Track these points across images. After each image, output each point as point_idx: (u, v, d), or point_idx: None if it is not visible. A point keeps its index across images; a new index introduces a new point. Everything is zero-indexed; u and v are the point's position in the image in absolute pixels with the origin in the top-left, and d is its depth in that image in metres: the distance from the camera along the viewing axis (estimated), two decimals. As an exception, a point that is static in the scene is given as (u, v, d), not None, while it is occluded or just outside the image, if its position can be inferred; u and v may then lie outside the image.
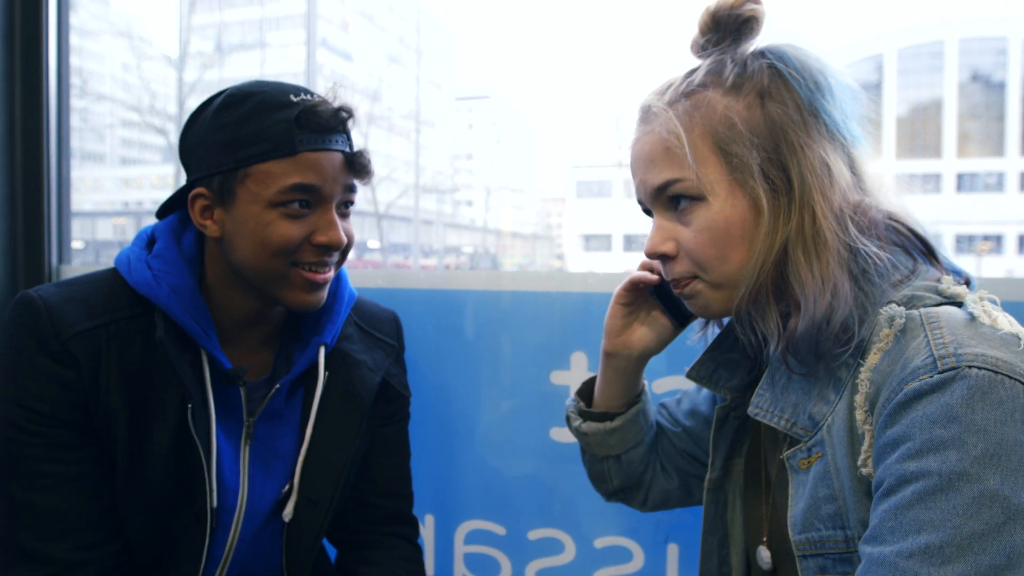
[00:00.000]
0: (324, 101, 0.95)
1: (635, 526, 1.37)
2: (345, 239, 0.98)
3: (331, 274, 1.01)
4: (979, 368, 0.62)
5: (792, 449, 0.80)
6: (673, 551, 1.35)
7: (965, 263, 0.83)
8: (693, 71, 0.83)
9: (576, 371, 1.37)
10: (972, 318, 0.68)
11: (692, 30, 0.85)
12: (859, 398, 0.71)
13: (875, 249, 0.75)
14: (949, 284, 0.75)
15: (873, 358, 0.71)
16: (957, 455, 0.60)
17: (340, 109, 0.96)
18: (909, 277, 0.77)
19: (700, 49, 0.84)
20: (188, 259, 1.01)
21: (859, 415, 0.71)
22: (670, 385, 1.33)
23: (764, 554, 0.88)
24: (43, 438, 0.92)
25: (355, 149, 0.99)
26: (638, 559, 1.37)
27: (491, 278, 1.43)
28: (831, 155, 0.77)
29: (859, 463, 0.70)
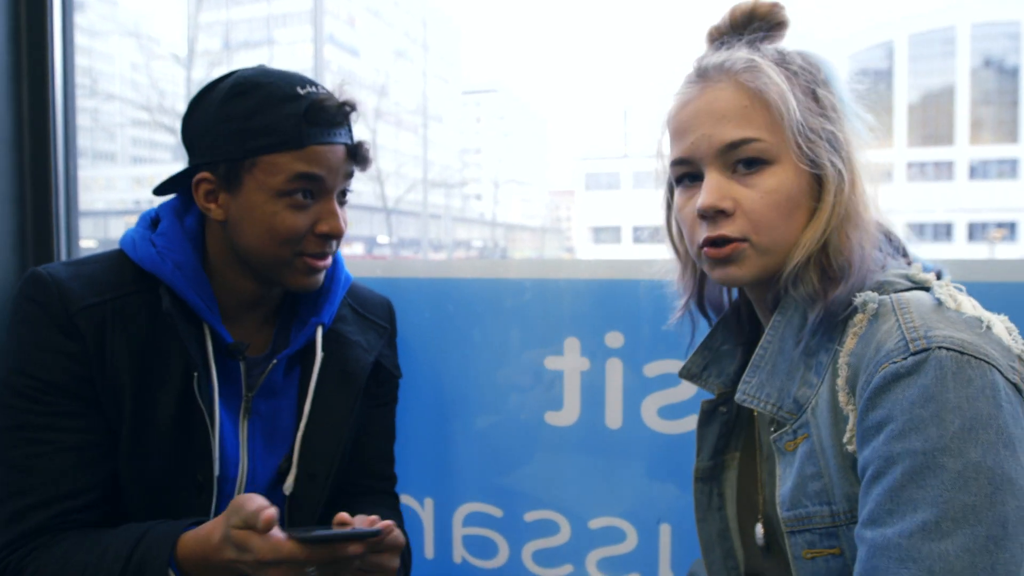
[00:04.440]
0: (330, 96, 1.00)
1: (628, 507, 1.40)
2: (344, 227, 1.05)
3: (329, 261, 1.09)
4: (947, 349, 0.66)
5: (779, 432, 0.83)
6: (666, 531, 1.38)
7: (978, 250, 0.89)
8: (736, 51, 0.85)
9: (569, 356, 1.40)
10: (939, 303, 0.73)
11: (718, 19, 0.88)
12: (840, 381, 0.75)
13: (880, 232, 0.83)
14: (918, 271, 0.80)
15: (850, 343, 0.75)
16: (937, 432, 0.63)
17: (345, 104, 1.01)
18: (885, 266, 0.83)
19: (717, 40, 0.88)
20: (191, 238, 1.06)
21: (842, 397, 0.75)
22: (661, 369, 1.35)
23: (760, 531, 0.92)
24: (47, 406, 0.95)
25: (356, 141, 1.05)
26: (631, 539, 1.40)
27: (485, 266, 1.46)
28: (859, 145, 0.83)
29: (844, 441, 0.74)
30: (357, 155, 1.04)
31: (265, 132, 0.97)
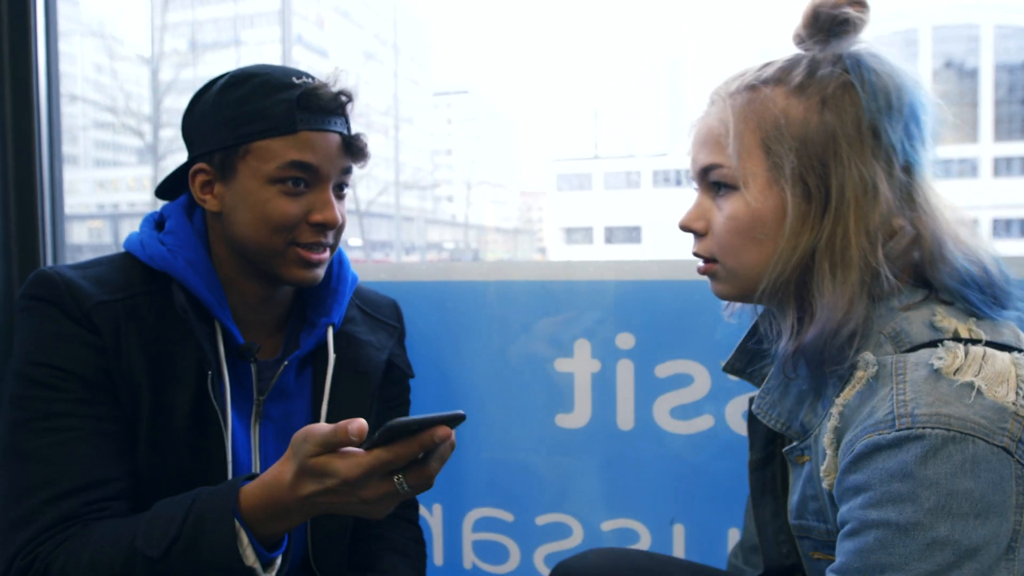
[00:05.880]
0: (325, 84, 0.99)
1: (641, 508, 1.40)
2: (340, 218, 1.02)
3: (327, 255, 1.04)
4: (932, 428, 0.68)
5: (789, 446, 0.88)
6: (679, 531, 1.38)
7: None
8: (768, 64, 0.84)
9: (579, 359, 1.40)
10: (935, 372, 0.71)
11: (796, 21, 0.85)
12: (829, 424, 0.78)
13: (893, 278, 0.77)
14: (942, 318, 0.77)
15: (848, 393, 0.76)
16: (911, 508, 0.67)
17: (340, 93, 1.00)
18: (913, 306, 0.79)
19: (800, 41, 0.84)
20: (200, 236, 1.04)
21: (826, 438, 0.78)
22: (672, 370, 1.35)
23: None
24: (68, 393, 0.92)
25: (353, 132, 1.03)
26: (645, 540, 1.40)
27: (492, 269, 1.45)
28: (879, 176, 0.77)
29: (822, 474, 0.77)
30: (352, 147, 1.02)
31: (258, 118, 0.96)
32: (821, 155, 0.78)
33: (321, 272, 1.04)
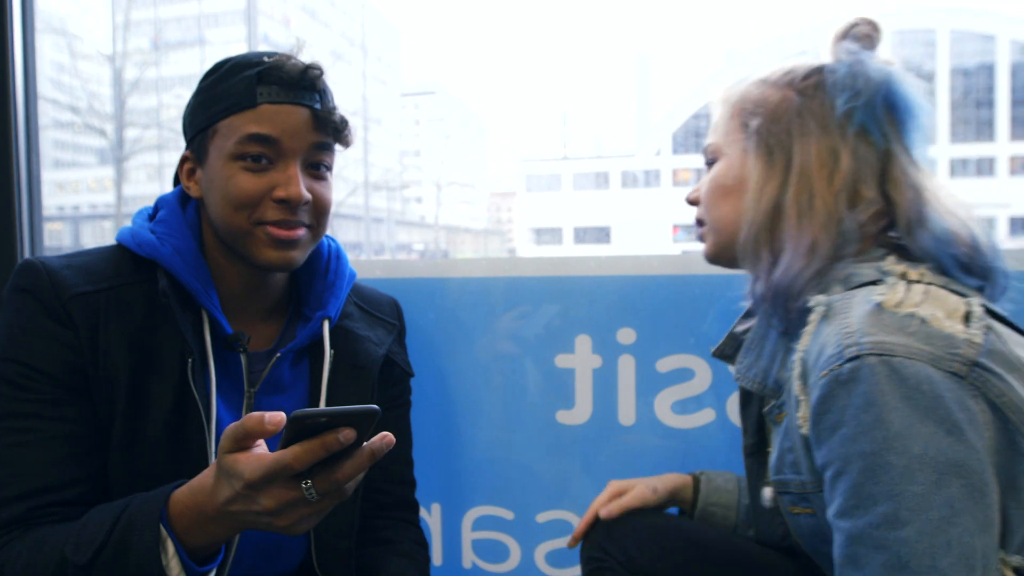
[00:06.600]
0: (290, 58, 0.97)
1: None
2: (306, 195, 0.96)
3: (302, 233, 0.99)
4: (878, 355, 0.71)
5: (769, 406, 0.93)
6: (680, 526, 1.39)
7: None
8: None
9: (580, 354, 1.39)
10: (877, 306, 0.76)
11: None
12: (795, 373, 0.81)
13: (856, 232, 0.85)
14: (891, 263, 0.83)
15: (804, 340, 0.81)
16: (882, 433, 0.70)
17: (308, 67, 0.97)
18: (869, 258, 0.85)
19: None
20: (191, 225, 1.02)
21: (796, 386, 0.80)
22: (674, 364, 1.36)
23: (768, 493, 0.99)
24: (36, 394, 0.90)
25: (328, 107, 0.98)
26: (646, 535, 1.40)
27: (492, 265, 1.44)
28: (844, 151, 0.88)
29: (798, 424, 0.80)
30: (323, 121, 0.97)
31: (222, 97, 0.96)
32: (787, 127, 0.90)
33: (297, 255, 0.99)
